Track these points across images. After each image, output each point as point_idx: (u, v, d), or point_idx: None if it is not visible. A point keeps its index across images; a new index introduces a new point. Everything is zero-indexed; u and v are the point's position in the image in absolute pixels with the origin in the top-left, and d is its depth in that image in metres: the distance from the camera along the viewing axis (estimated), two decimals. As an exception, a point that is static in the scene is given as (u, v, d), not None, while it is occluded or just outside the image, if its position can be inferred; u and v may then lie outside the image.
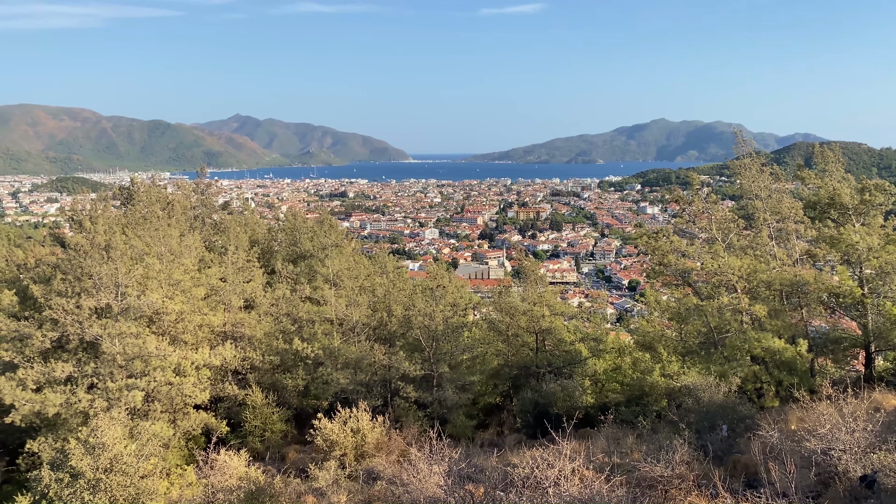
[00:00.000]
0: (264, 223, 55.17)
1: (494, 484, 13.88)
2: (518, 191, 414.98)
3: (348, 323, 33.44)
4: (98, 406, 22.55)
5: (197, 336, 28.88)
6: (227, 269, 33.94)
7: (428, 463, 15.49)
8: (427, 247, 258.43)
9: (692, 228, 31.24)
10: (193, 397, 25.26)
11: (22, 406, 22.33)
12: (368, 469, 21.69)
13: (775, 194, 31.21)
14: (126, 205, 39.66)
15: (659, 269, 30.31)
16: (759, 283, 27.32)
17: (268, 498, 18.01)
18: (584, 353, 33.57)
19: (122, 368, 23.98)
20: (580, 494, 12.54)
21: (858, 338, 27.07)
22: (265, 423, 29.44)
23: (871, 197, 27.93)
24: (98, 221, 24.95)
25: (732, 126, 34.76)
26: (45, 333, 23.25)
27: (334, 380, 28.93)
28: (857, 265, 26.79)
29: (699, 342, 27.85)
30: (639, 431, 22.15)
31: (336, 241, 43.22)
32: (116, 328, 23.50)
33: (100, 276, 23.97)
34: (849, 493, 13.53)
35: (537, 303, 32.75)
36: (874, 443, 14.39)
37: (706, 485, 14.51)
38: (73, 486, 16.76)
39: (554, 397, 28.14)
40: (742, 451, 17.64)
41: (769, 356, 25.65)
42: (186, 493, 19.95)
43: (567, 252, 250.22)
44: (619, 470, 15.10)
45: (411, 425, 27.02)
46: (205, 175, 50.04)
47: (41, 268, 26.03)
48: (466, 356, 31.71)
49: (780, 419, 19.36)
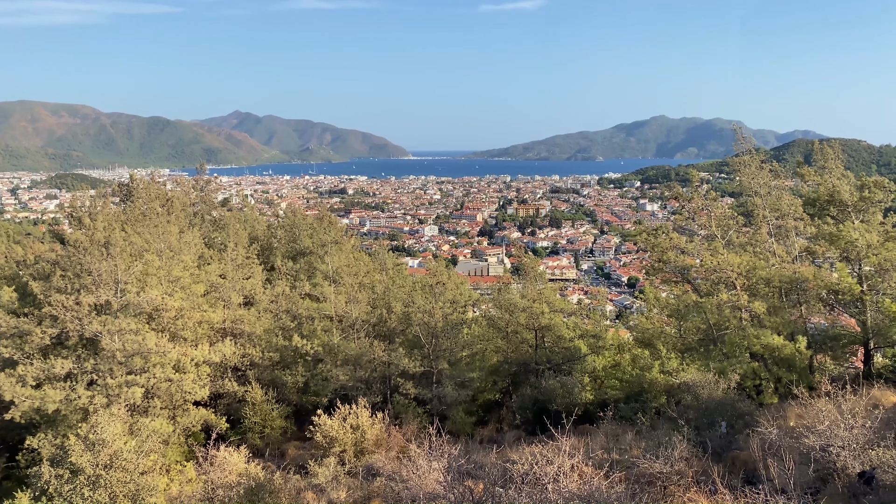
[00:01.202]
0: (264, 220, 55.22)
1: (494, 480, 13.90)
2: (518, 188, 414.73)
3: (348, 320, 33.45)
4: (98, 402, 22.57)
5: (196, 333, 28.89)
6: (226, 266, 33.95)
7: (427, 459, 15.51)
8: (426, 244, 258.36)
9: (691, 225, 31.24)
10: (193, 394, 25.28)
11: (22, 402, 22.36)
12: (368, 465, 21.73)
13: (775, 191, 31.21)
14: (125, 201, 39.67)
15: (658, 266, 30.33)
16: (758, 280, 27.33)
17: (267, 494, 18.04)
18: (583, 349, 33.59)
19: (122, 365, 23.99)
20: (579, 491, 12.57)
21: (857, 335, 27.09)
22: (265, 420, 29.47)
23: (871, 194, 27.93)
24: (97, 218, 24.95)
25: (732, 123, 34.78)
26: (44, 330, 23.27)
27: (334, 376, 28.94)
28: (857, 262, 26.80)
29: (698, 339, 27.86)
30: (638, 428, 22.18)
31: (335, 238, 43.26)
32: (116, 325, 23.51)
33: (99, 273, 23.97)
34: (847, 489, 13.56)
35: (537, 300, 32.77)
36: (873, 439, 14.42)
37: (705, 481, 14.53)
38: (73, 483, 16.77)
39: (553, 394, 28.17)
40: (741, 447, 17.67)
41: (768, 353, 25.67)
42: (186, 489, 19.99)
43: (566, 249, 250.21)
44: (619, 466, 15.14)
45: (411, 422, 27.06)
46: (204, 172, 50.08)
47: (41, 264, 26.03)
48: (466, 353, 31.72)
49: (778, 416, 19.39)
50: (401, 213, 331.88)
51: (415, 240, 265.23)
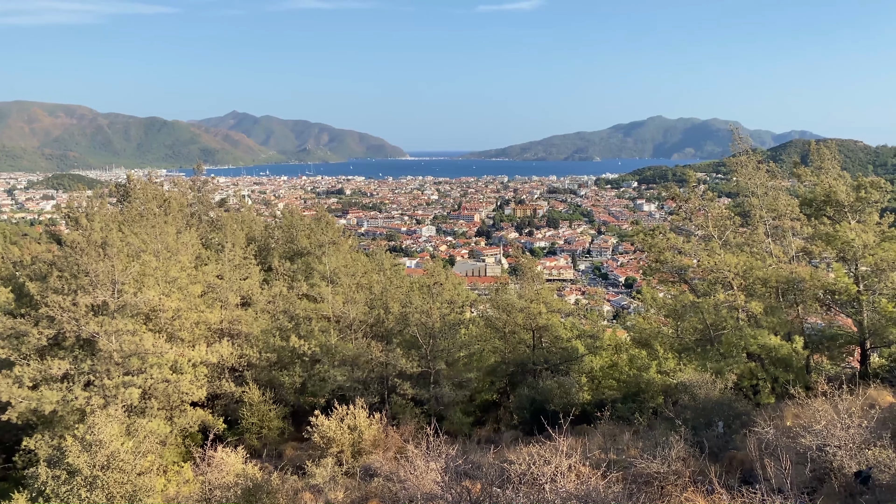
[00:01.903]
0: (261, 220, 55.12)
1: (491, 480, 13.91)
2: (515, 188, 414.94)
3: (345, 320, 33.43)
4: (95, 403, 22.55)
5: (194, 333, 28.87)
6: (223, 267, 33.93)
7: (425, 460, 15.51)
8: (424, 244, 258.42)
9: (689, 225, 31.28)
10: (190, 394, 25.27)
11: (18, 403, 22.32)
12: (365, 466, 21.72)
13: (771, 191, 31.26)
14: (122, 202, 39.65)
15: (655, 266, 30.37)
16: (755, 280, 27.38)
17: (265, 495, 18.02)
18: (580, 350, 33.61)
19: (119, 366, 23.96)
20: (577, 491, 12.58)
21: (854, 335, 27.15)
22: (262, 421, 29.45)
23: (867, 194, 27.99)
24: (94, 219, 24.92)
25: (729, 123, 34.79)
26: (41, 331, 23.24)
27: (331, 377, 28.93)
28: (853, 262, 26.84)
29: (695, 339, 27.90)
30: (635, 428, 22.20)
31: (333, 239, 43.21)
32: (113, 325, 23.48)
33: (96, 274, 23.94)
34: (844, 489, 13.60)
35: (534, 300, 32.78)
36: (869, 439, 14.44)
37: (702, 481, 14.55)
38: (69, 484, 16.76)
39: (551, 394, 28.18)
40: (738, 447, 17.70)
41: (765, 353, 25.71)
42: (183, 489, 19.98)
43: (564, 249, 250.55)
44: (616, 466, 15.15)
45: (408, 422, 27.06)
46: (201, 172, 50.02)
47: (37, 265, 25.99)
48: (463, 353, 31.73)
49: (775, 416, 19.42)
50: (398, 214, 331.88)
51: (412, 240, 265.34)
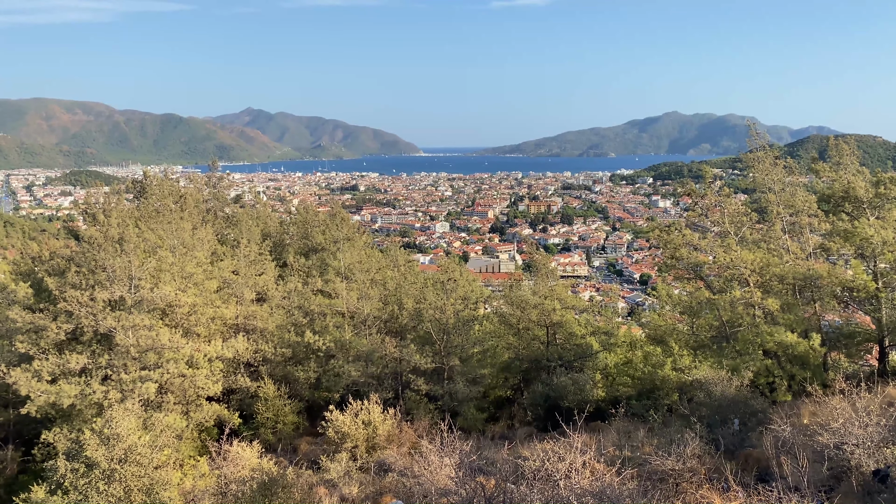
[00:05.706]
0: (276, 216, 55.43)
1: (505, 476, 13.90)
2: (529, 184, 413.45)
3: (360, 316, 33.55)
4: (112, 397, 22.76)
5: (209, 328, 29.07)
6: (239, 262, 34.11)
7: (439, 455, 15.56)
8: (438, 240, 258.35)
9: (704, 222, 31.07)
10: (206, 389, 25.44)
11: (37, 397, 22.59)
12: (380, 461, 21.81)
13: (789, 187, 30.99)
14: (139, 198, 39.98)
15: (671, 263, 30.18)
16: (771, 277, 27.17)
17: (280, 489, 18.13)
18: (595, 346, 33.52)
19: (136, 360, 24.18)
20: (591, 487, 12.55)
21: (872, 332, 26.88)
22: (277, 415, 29.62)
23: (886, 190, 27.65)
24: (111, 215, 25.16)
25: (745, 119, 34.47)
26: (59, 325, 23.50)
27: (346, 372, 29.04)
28: (872, 259, 26.56)
29: (711, 336, 27.74)
30: (650, 425, 22.13)
31: (347, 235, 43.34)
32: (130, 320, 23.69)
33: (113, 269, 24.17)
34: (861, 487, 13.48)
35: (548, 296, 32.71)
36: (887, 437, 14.32)
37: (717, 479, 14.48)
38: (88, 476, 16.92)
39: (564, 391, 28.14)
40: (754, 445, 17.60)
41: (782, 350, 25.52)
42: (200, 483, 20.12)
43: (578, 246, 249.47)
44: (630, 463, 15.10)
45: (422, 418, 27.11)
46: (216, 169, 50.36)
47: (56, 260, 26.29)
48: (477, 349, 31.73)
49: (792, 413, 19.28)
50: (412, 210, 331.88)
51: (426, 236, 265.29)
